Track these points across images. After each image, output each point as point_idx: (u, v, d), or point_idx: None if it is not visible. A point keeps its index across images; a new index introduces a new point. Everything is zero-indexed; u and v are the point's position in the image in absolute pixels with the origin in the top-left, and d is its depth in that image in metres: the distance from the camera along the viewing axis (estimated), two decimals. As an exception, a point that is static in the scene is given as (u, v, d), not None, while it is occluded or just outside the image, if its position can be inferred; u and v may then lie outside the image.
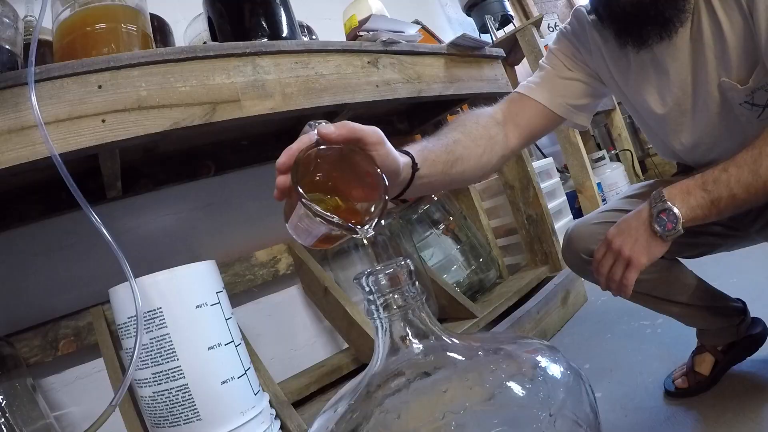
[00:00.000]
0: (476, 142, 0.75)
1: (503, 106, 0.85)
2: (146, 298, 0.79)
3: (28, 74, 0.67)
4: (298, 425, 0.93)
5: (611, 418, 0.90)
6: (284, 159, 0.47)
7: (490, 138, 0.77)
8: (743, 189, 0.61)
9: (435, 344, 0.42)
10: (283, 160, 0.47)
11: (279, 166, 0.47)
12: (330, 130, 0.48)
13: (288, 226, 0.50)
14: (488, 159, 0.76)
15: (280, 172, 0.47)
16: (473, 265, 1.60)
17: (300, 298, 1.45)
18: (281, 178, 0.47)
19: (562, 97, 0.85)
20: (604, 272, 0.71)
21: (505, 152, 0.81)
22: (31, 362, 0.97)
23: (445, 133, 0.74)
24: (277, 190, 0.48)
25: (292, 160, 0.46)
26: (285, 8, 1.10)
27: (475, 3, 2.45)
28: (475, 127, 0.77)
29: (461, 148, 0.72)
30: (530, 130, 0.84)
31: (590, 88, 0.86)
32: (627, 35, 0.73)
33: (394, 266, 0.42)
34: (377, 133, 0.52)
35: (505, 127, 0.82)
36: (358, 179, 0.50)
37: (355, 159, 0.50)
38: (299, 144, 0.47)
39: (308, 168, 0.46)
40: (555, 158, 2.30)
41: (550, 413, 0.35)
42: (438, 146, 0.69)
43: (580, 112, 0.87)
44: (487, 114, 0.82)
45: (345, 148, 0.49)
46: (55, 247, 1.12)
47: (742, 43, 0.65)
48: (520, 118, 0.84)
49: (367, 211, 0.47)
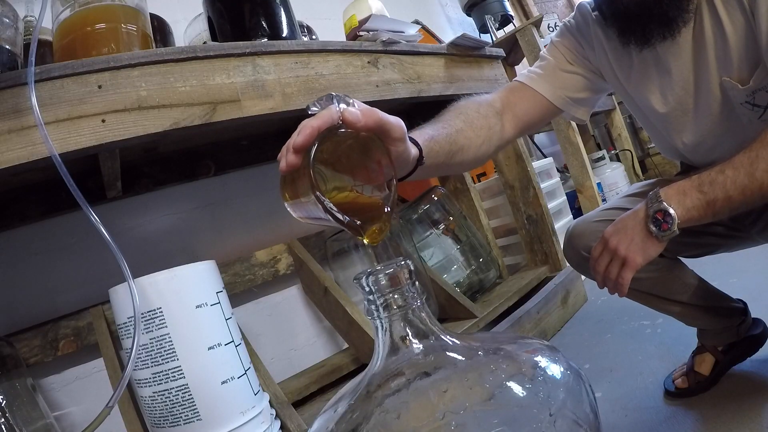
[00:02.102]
0: (477, 133, 0.75)
1: (502, 95, 0.85)
2: (146, 298, 0.79)
3: (28, 74, 0.67)
4: (298, 425, 0.93)
5: (611, 418, 0.90)
6: (302, 140, 0.43)
7: (489, 128, 0.78)
8: (739, 191, 0.61)
9: (435, 344, 0.42)
10: (301, 141, 0.43)
11: (296, 146, 0.43)
12: (356, 117, 0.45)
13: (287, 205, 0.48)
14: (486, 149, 0.77)
15: (296, 152, 0.43)
16: (473, 265, 1.59)
17: (300, 298, 1.45)
18: (293, 157, 0.44)
19: (562, 89, 0.85)
20: (601, 270, 0.71)
21: (500, 142, 0.81)
22: (31, 362, 0.97)
23: (448, 120, 0.73)
24: (287, 166, 0.44)
25: (310, 141, 0.43)
26: (285, 8, 1.10)
27: (475, 3, 2.45)
28: (476, 116, 0.77)
29: (463, 139, 0.72)
30: (527, 120, 0.85)
31: (590, 83, 0.86)
32: (630, 34, 0.73)
33: (394, 266, 0.42)
34: (401, 128, 0.51)
35: (503, 117, 0.82)
36: (367, 165, 0.49)
37: (370, 145, 0.48)
38: (320, 122, 0.44)
39: (323, 148, 0.44)
40: (555, 158, 2.30)
41: (550, 413, 0.35)
42: (443, 136, 0.68)
43: (579, 105, 0.87)
44: (486, 102, 0.82)
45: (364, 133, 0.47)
46: (55, 247, 1.12)
47: (743, 43, 0.65)
48: (519, 108, 0.84)
49: (375, 215, 0.46)
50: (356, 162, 0.50)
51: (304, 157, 0.43)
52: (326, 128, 0.44)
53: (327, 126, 0.44)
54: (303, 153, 0.43)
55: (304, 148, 0.43)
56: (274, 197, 1.48)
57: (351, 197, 0.48)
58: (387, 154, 0.49)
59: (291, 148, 0.44)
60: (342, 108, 0.46)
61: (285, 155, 0.45)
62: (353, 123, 0.45)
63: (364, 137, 0.47)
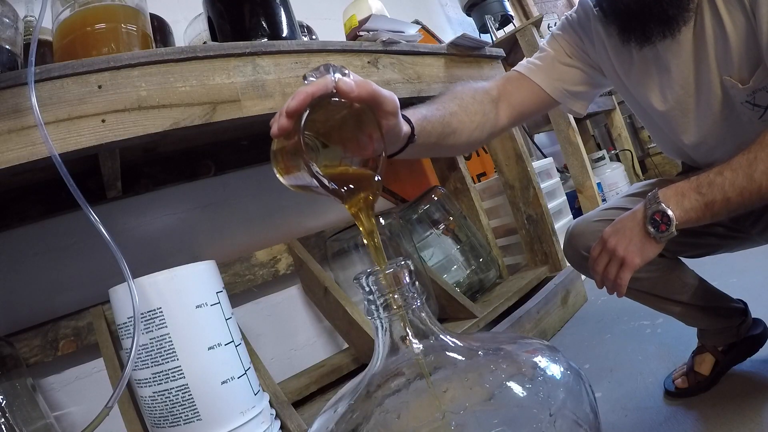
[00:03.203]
0: (471, 118, 0.76)
1: (500, 83, 0.86)
2: (146, 298, 0.79)
3: (28, 74, 0.67)
4: (298, 425, 0.93)
5: (611, 418, 0.89)
6: (295, 105, 0.44)
7: (483, 115, 0.78)
8: (737, 193, 0.61)
9: (435, 344, 0.42)
10: (294, 106, 0.44)
11: (289, 111, 0.44)
12: (350, 87, 0.46)
13: (277, 171, 0.49)
14: (478, 135, 0.78)
15: (289, 117, 0.44)
16: (473, 265, 1.59)
17: (300, 298, 1.45)
18: (285, 121, 0.44)
19: (559, 81, 0.86)
20: (600, 270, 0.71)
21: (493, 130, 0.82)
22: (31, 362, 0.97)
23: (443, 102, 0.74)
24: (278, 130, 0.45)
25: (303, 106, 0.44)
26: (285, 8, 1.10)
27: (475, 3, 2.45)
28: (471, 102, 0.78)
29: (456, 122, 0.73)
30: (522, 110, 0.86)
31: (588, 77, 0.87)
32: (630, 32, 0.73)
33: (394, 266, 0.42)
34: (394, 102, 0.52)
35: (498, 105, 0.83)
36: (359, 138, 0.50)
37: (362, 117, 0.49)
38: (314, 89, 0.45)
39: (315, 115, 0.45)
40: (555, 158, 2.29)
41: (550, 413, 0.35)
42: (437, 117, 0.69)
43: (576, 99, 0.88)
44: (483, 89, 0.83)
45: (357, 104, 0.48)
46: (55, 247, 1.12)
47: (744, 43, 0.65)
48: (515, 97, 0.85)
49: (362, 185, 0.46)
50: (348, 134, 0.50)
51: (295, 121, 0.44)
52: (319, 95, 0.45)
53: (321, 93, 0.45)
54: (295, 118, 0.44)
55: (297, 113, 0.44)
56: (274, 197, 1.49)
57: (340, 169, 0.48)
58: (378, 127, 0.49)
59: (284, 113, 0.44)
60: (337, 78, 0.46)
61: (277, 119, 0.45)
62: (347, 92, 0.46)
63: (357, 109, 0.48)
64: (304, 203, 1.53)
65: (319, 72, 0.48)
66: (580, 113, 0.90)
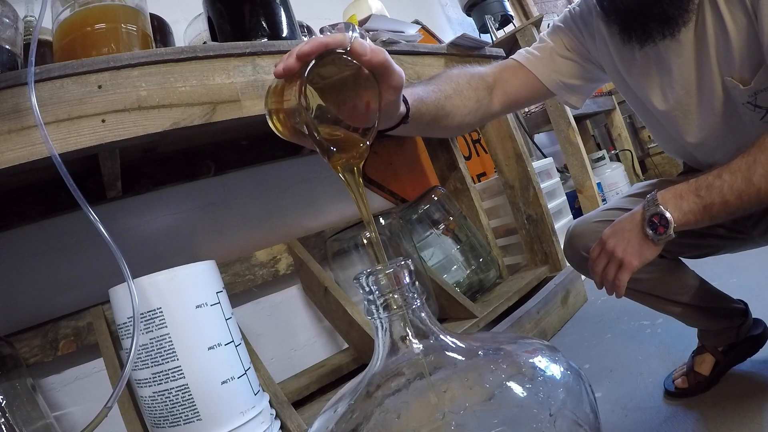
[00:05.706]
0: (464, 102, 0.76)
1: (496, 70, 0.86)
2: (146, 298, 0.79)
3: (28, 74, 0.67)
4: (298, 425, 0.93)
5: (611, 418, 0.89)
6: (308, 49, 0.44)
7: (477, 100, 0.79)
8: (736, 196, 0.61)
9: (435, 344, 0.42)
10: (306, 50, 0.44)
11: (300, 53, 0.44)
12: (364, 49, 0.46)
13: (267, 113, 0.49)
14: (470, 120, 0.78)
15: (298, 59, 0.44)
16: (473, 265, 1.59)
17: (300, 298, 1.45)
18: (293, 62, 0.44)
19: (556, 73, 0.86)
20: (599, 272, 0.71)
21: (486, 116, 0.83)
22: (31, 362, 0.97)
23: (439, 85, 0.74)
24: (283, 69, 0.45)
25: (315, 53, 0.44)
26: (285, 8, 1.10)
27: (475, 3, 2.45)
28: (467, 87, 0.78)
29: (450, 105, 0.73)
30: (516, 98, 0.86)
31: (585, 71, 0.87)
32: (631, 30, 0.73)
33: (394, 266, 0.42)
34: (401, 78, 0.52)
35: (493, 92, 0.83)
36: (356, 104, 0.50)
37: (365, 85, 0.49)
38: (330, 40, 0.45)
39: (320, 69, 0.45)
40: (555, 158, 2.29)
41: (550, 413, 0.35)
42: (432, 100, 0.69)
43: (572, 92, 0.88)
44: (479, 75, 0.83)
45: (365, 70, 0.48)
46: (55, 247, 1.12)
47: (745, 43, 0.65)
48: (510, 85, 0.85)
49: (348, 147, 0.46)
50: (346, 97, 0.50)
51: (302, 65, 0.44)
52: (332, 48, 0.45)
53: (335, 47, 0.45)
54: (303, 61, 0.44)
55: (307, 57, 0.44)
56: (274, 197, 1.49)
57: (330, 127, 0.48)
58: (378, 98, 0.49)
59: (294, 54, 0.44)
60: (354, 37, 0.46)
61: (285, 59, 0.45)
62: (360, 54, 0.46)
63: (363, 75, 0.48)
64: (304, 203, 1.53)
65: (337, 28, 0.48)
66: (577, 106, 0.91)
